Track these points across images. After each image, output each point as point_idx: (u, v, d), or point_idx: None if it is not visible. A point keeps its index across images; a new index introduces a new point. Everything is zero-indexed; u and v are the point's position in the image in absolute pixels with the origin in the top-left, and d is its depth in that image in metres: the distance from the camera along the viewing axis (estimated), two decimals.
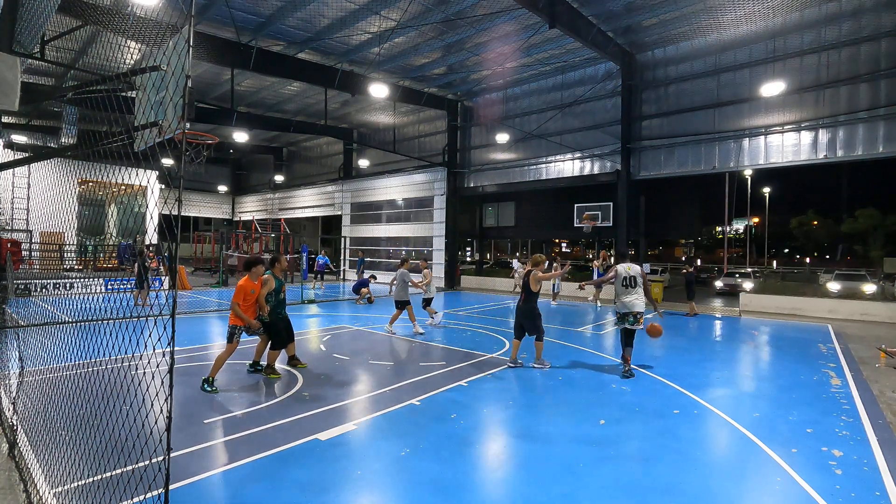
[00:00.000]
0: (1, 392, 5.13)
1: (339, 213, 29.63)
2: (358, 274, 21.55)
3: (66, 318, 4.74)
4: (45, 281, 15.86)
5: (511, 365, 7.68)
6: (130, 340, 2.49)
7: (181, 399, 5.63)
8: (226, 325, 10.61)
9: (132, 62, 13.29)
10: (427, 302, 11.56)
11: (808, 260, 58.55)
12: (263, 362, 7.05)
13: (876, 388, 6.86)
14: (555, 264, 16.35)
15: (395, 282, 10.56)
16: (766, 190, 52.86)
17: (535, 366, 7.67)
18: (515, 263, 23.29)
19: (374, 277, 17.75)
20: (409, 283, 10.49)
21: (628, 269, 7.41)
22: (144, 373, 3.10)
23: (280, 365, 7.31)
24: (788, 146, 15.07)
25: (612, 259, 15.68)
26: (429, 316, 11.68)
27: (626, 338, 7.41)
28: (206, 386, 6.06)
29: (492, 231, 29.19)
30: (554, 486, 3.84)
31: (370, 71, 19.30)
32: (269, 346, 6.96)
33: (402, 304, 10.42)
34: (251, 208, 38.01)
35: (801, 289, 18.62)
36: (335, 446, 4.51)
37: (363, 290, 16.39)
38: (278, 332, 6.86)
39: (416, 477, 3.95)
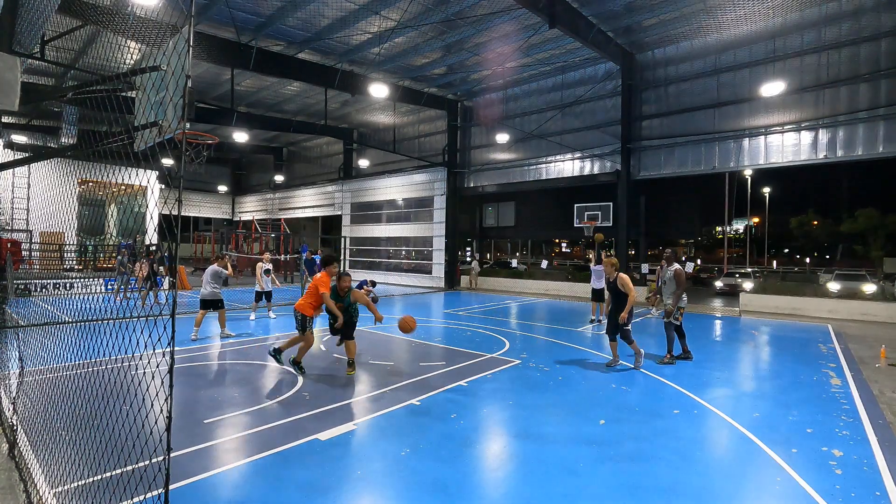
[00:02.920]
0: (1, 392, 5.13)
1: (339, 213, 29.64)
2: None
3: (66, 318, 4.74)
4: (45, 281, 15.85)
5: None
6: (130, 340, 2.48)
7: (181, 399, 5.63)
8: (229, 325, 10.62)
9: (132, 62, 13.29)
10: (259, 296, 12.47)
11: (808, 260, 58.54)
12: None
13: (876, 388, 6.86)
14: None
15: (206, 279, 9.82)
16: (766, 190, 52.91)
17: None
18: (475, 264, 23.62)
19: (374, 283, 17.76)
20: (221, 281, 9.97)
21: None
22: (144, 373, 3.11)
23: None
24: (788, 146, 15.07)
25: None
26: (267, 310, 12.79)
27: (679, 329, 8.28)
28: (279, 358, 6.94)
29: (492, 231, 29.22)
30: (554, 486, 3.84)
31: (370, 71, 19.30)
32: (342, 339, 7.31)
33: (216, 304, 9.72)
34: (251, 208, 38.02)
35: (801, 289, 18.60)
36: (335, 446, 4.51)
37: (363, 290, 16.38)
38: (352, 324, 7.31)
39: (416, 477, 3.95)
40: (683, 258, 64.05)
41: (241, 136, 25.50)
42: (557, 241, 71.60)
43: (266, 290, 12.31)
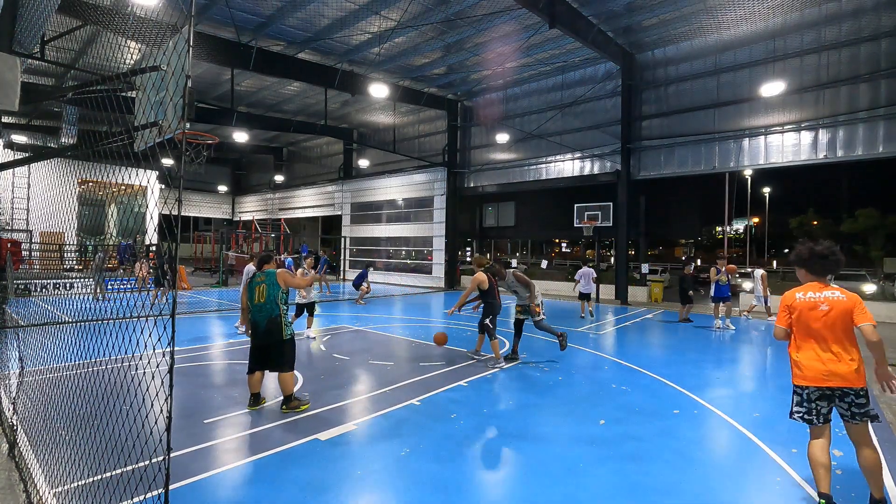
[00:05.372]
0: (1, 392, 5.13)
1: (339, 213, 29.64)
2: (321, 276, 20.38)
3: (66, 318, 4.74)
4: (45, 281, 15.86)
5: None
6: (130, 340, 2.48)
7: (181, 399, 5.63)
8: (229, 325, 10.58)
9: (132, 62, 13.29)
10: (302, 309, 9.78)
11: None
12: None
13: (876, 389, 6.86)
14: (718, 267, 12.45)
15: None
16: (766, 190, 52.95)
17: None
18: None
19: (372, 266, 17.74)
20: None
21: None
22: (144, 373, 3.11)
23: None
24: (788, 146, 15.07)
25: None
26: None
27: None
28: None
29: (492, 231, 29.19)
30: (554, 486, 3.84)
31: (370, 71, 19.30)
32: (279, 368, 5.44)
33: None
34: (251, 208, 38.01)
35: None
36: (335, 446, 4.51)
37: (363, 287, 16.36)
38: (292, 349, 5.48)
39: (416, 477, 3.95)
40: (683, 258, 64.02)
41: (241, 136, 25.50)
42: (557, 241, 71.61)
43: (310, 300, 9.55)
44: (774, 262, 56.38)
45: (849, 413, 3.43)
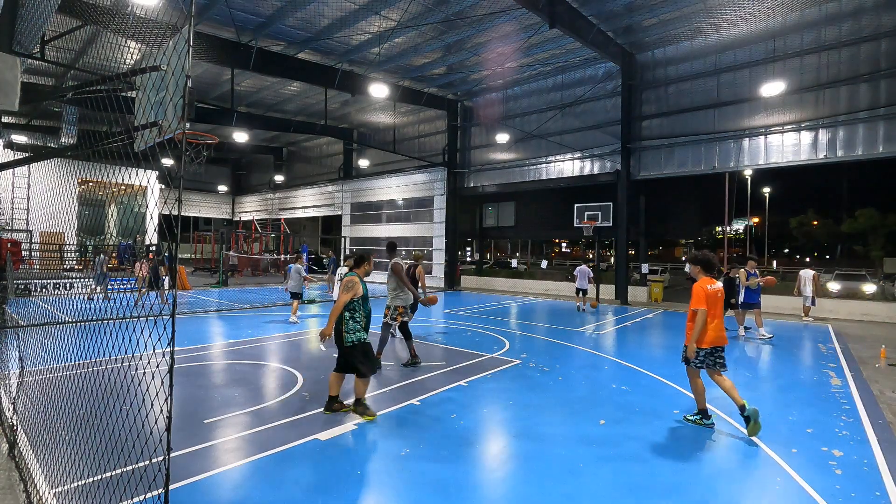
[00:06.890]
0: (1, 392, 5.13)
1: (339, 213, 29.65)
2: (329, 276, 20.26)
3: (66, 318, 4.74)
4: (45, 281, 15.85)
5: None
6: (130, 340, 2.48)
7: (181, 399, 5.63)
8: (229, 325, 10.60)
9: (132, 62, 13.29)
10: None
11: (808, 260, 58.51)
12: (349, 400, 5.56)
13: (876, 388, 6.86)
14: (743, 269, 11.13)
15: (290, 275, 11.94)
16: (766, 190, 52.95)
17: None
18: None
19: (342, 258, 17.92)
20: (303, 278, 12.01)
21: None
22: (144, 373, 3.11)
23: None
24: (788, 146, 15.07)
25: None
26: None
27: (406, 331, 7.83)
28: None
29: (492, 231, 29.21)
30: (554, 486, 3.84)
31: (370, 71, 19.30)
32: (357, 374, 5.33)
33: (294, 296, 11.81)
34: (251, 208, 38.01)
35: None
36: (335, 446, 4.51)
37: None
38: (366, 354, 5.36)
39: (416, 477, 3.95)
40: (684, 258, 63.91)
41: (241, 136, 25.49)
42: (557, 241, 71.62)
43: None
44: (774, 262, 56.39)
45: (715, 365, 5.19)
